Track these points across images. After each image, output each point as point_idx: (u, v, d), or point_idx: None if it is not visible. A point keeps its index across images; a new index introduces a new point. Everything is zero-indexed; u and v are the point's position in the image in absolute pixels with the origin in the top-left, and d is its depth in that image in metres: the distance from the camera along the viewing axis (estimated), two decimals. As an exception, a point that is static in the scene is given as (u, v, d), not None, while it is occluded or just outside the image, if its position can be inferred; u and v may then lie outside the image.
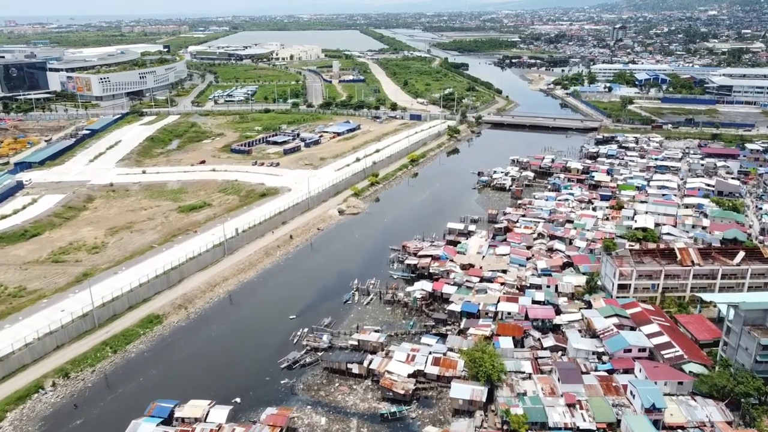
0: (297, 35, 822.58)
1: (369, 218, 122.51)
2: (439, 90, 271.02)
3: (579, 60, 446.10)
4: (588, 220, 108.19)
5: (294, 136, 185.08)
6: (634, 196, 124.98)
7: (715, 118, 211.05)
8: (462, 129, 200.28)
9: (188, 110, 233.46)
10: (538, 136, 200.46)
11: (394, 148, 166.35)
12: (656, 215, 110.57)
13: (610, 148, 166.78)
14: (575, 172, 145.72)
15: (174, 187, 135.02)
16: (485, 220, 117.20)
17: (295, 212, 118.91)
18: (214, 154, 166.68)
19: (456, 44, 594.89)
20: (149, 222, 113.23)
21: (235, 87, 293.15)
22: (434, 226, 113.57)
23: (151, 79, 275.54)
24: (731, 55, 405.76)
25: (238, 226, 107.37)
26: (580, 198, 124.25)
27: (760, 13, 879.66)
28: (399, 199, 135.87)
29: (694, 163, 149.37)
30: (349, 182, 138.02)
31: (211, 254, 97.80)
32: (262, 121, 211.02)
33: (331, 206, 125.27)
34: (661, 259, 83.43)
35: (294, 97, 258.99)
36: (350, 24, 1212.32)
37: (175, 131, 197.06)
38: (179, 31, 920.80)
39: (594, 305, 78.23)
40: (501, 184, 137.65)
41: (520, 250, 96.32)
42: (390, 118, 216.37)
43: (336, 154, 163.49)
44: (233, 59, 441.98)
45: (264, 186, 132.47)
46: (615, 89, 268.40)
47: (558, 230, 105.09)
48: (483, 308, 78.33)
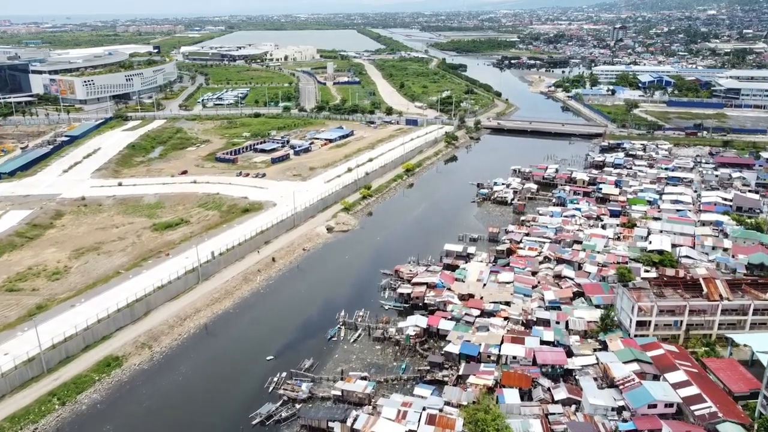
0: (294, 35, 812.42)
1: (360, 236, 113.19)
2: (437, 93, 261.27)
3: (579, 61, 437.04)
4: (598, 240, 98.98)
5: (283, 143, 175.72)
6: (646, 211, 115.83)
7: (724, 123, 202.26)
8: (460, 135, 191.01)
9: (175, 114, 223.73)
10: (540, 142, 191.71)
11: (388, 157, 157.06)
12: (672, 235, 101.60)
13: (616, 157, 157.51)
14: (581, 184, 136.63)
15: (151, 200, 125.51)
16: (486, 239, 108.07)
17: (279, 230, 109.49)
18: (197, 163, 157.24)
19: (454, 44, 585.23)
20: (119, 242, 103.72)
21: (225, 89, 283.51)
22: (430, 246, 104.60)
23: (138, 82, 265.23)
24: (735, 56, 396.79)
25: (216, 247, 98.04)
26: (588, 214, 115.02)
27: (760, 12, 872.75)
28: (393, 214, 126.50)
29: (708, 174, 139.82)
30: (340, 195, 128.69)
31: (183, 282, 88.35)
32: (251, 127, 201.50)
33: (319, 223, 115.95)
34: (685, 291, 74.22)
35: (286, 101, 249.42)
36: (347, 24, 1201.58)
37: (159, 137, 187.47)
38: (174, 30, 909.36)
39: (610, 346, 68.94)
40: (502, 197, 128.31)
41: (524, 277, 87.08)
42: (385, 123, 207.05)
43: (326, 163, 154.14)
44: (226, 60, 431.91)
45: (247, 200, 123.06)
46: (618, 92, 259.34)
47: (565, 252, 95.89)
48: (485, 350, 68.92)
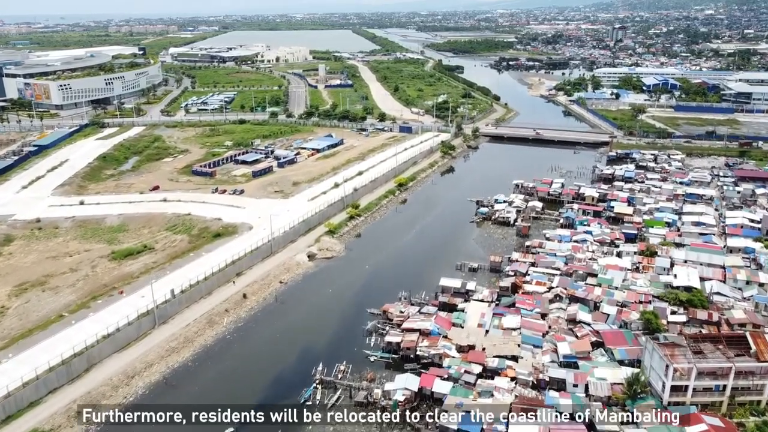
0: (288, 35, 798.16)
1: (345, 265, 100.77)
2: (432, 97, 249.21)
3: (579, 62, 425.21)
4: (615, 273, 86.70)
5: (267, 154, 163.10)
6: (665, 235, 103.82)
7: (737, 130, 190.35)
8: (457, 144, 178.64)
9: (155, 121, 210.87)
10: (543, 150, 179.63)
11: (379, 170, 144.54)
12: (698, 265, 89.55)
13: (627, 169, 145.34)
14: (590, 201, 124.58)
15: (114, 222, 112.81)
16: (486, 269, 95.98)
17: (253, 260, 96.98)
18: (172, 177, 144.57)
19: (450, 45, 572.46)
20: (70, 275, 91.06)
21: (212, 93, 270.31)
22: (424, 278, 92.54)
23: (119, 86, 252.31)
24: (740, 57, 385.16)
25: (179, 281, 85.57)
26: (601, 238, 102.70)
27: (758, 12, 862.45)
28: (383, 236, 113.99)
29: (729, 190, 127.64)
30: (324, 215, 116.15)
31: (135, 328, 75.85)
32: (234, 135, 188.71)
33: (300, 249, 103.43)
34: (727, 347, 62.19)
35: (274, 105, 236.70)
36: (343, 24, 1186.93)
37: (135, 147, 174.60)
38: (167, 31, 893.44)
39: (641, 420, 56.77)
40: (504, 217, 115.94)
41: (533, 322, 74.80)
42: (377, 130, 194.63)
43: (312, 177, 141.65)
44: (216, 61, 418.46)
45: (221, 222, 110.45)
46: (623, 96, 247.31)
47: (579, 288, 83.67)
48: (488, 429, 56.70)
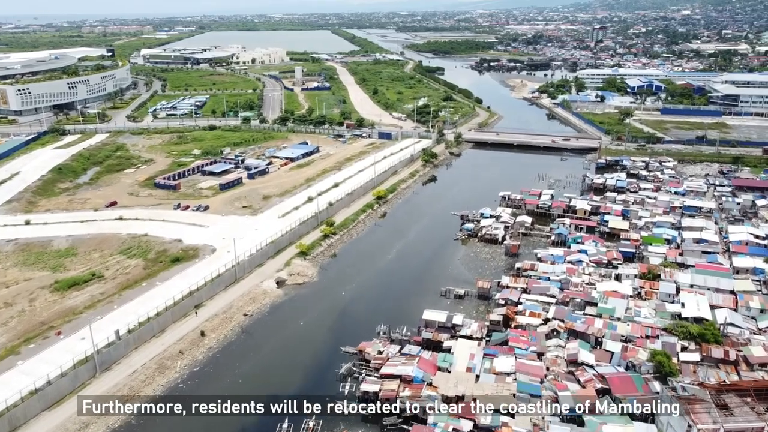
0: (266, 36, 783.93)
1: (318, 292, 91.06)
2: (413, 100, 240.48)
3: (561, 63, 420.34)
4: (617, 302, 78.15)
5: (237, 163, 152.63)
6: (666, 254, 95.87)
7: (727, 134, 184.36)
8: (439, 151, 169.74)
9: (120, 128, 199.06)
10: (529, 157, 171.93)
11: (357, 181, 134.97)
12: (706, 290, 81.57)
13: (618, 178, 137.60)
14: (582, 215, 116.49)
15: (61, 245, 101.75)
16: (474, 295, 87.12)
17: (215, 289, 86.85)
18: (132, 190, 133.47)
19: (430, 46, 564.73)
20: (4, 311, 79.95)
21: (182, 97, 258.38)
22: (406, 306, 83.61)
23: (83, 90, 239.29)
24: (723, 58, 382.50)
25: (127, 319, 75.38)
26: (597, 259, 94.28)
27: (733, 12, 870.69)
28: (360, 257, 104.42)
29: (728, 201, 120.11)
30: (296, 234, 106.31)
31: (71, 379, 65.40)
32: (203, 142, 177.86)
33: (268, 274, 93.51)
34: (757, 401, 53.88)
35: (248, 110, 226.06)
36: (322, 24, 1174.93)
37: (95, 157, 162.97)
38: (142, 31, 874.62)
39: (662, 495, 48.30)
40: (491, 234, 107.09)
41: (529, 365, 65.83)
42: (355, 137, 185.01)
43: (284, 189, 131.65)
44: (189, 63, 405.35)
45: (180, 244, 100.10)
46: (608, 98, 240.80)
47: (577, 320, 75.00)
48: None
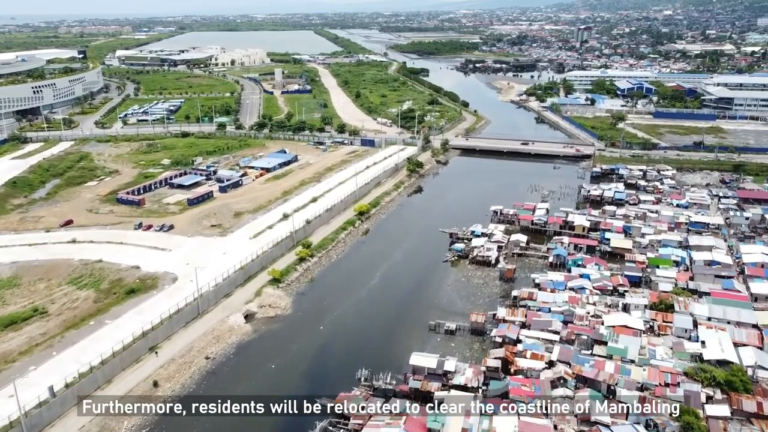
0: (248, 36, 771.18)
1: (292, 326, 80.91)
2: (397, 104, 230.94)
3: (547, 63, 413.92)
4: (629, 341, 69.03)
5: (209, 175, 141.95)
6: (676, 278, 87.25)
7: (724, 139, 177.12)
8: (425, 159, 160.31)
9: (86, 135, 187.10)
10: (519, 165, 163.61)
11: (337, 195, 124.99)
12: (726, 324, 72.90)
13: (616, 189, 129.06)
14: (581, 231, 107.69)
15: (4, 274, 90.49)
16: (467, 330, 77.72)
17: (174, 326, 76.43)
18: (92, 206, 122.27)
19: (414, 46, 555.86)
20: (-76, 359, 69.46)
21: (156, 101, 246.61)
22: (390, 344, 74.41)
23: (49, 94, 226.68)
24: (710, 59, 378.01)
25: (67, 368, 64.96)
26: (601, 285, 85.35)
27: (714, 12, 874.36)
28: (340, 284, 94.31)
29: (736, 216, 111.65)
30: (269, 257, 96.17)
31: (-10, 450, 55.33)
32: (174, 151, 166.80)
33: (236, 306, 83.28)
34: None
35: (224, 114, 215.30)
36: (305, 24, 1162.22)
37: (56, 168, 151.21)
38: (121, 32, 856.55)
39: None
40: (483, 256, 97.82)
41: (534, 427, 56.40)
42: (336, 144, 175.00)
43: (258, 204, 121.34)
44: (166, 65, 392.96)
45: (138, 272, 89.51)
46: (598, 102, 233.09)
47: (585, 363, 65.82)
48: None
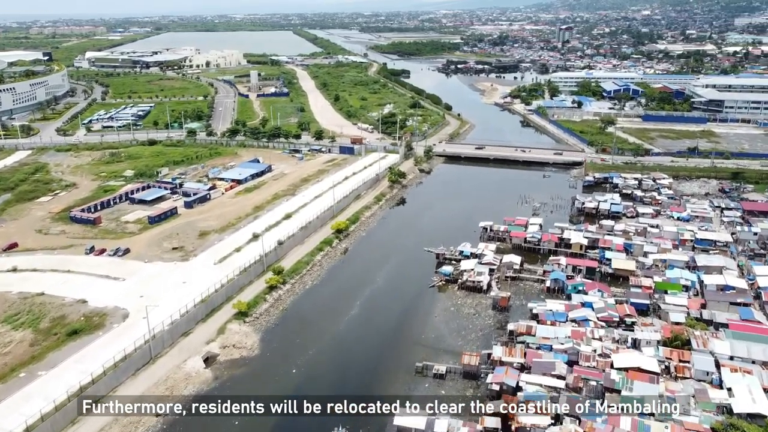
0: (226, 37, 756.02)
1: (259, 371, 70.64)
2: (378, 107, 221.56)
3: (530, 64, 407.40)
4: (645, 388, 60.18)
5: (174, 188, 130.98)
6: (687, 306, 78.85)
7: (717, 144, 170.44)
8: (408, 168, 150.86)
9: (45, 143, 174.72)
10: (507, 172, 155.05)
11: (313, 210, 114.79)
12: (750, 364, 64.47)
13: (612, 201, 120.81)
14: (578, 249, 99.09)
15: (-71, 311, 79.60)
16: (458, 373, 68.36)
17: (120, 377, 65.82)
18: (42, 226, 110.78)
19: (395, 47, 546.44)
20: None
21: (124, 106, 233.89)
22: (372, 391, 63.95)
23: (8, 99, 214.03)
24: (694, 59, 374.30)
25: (-14, 434, 54.61)
26: (607, 316, 76.60)
27: (691, 12, 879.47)
28: (315, 316, 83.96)
29: (743, 232, 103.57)
30: (235, 286, 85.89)
31: None
32: (139, 161, 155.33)
33: (195, 348, 72.87)
34: None
35: (196, 120, 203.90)
36: (285, 24, 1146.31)
37: (7, 181, 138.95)
38: (95, 32, 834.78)
39: None
40: (474, 281, 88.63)
41: (544, 507, 47.48)
42: (313, 151, 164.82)
43: (227, 222, 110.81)
44: (139, 67, 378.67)
45: (85, 307, 78.64)
46: (585, 104, 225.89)
47: (597, 419, 56.85)
48: None
